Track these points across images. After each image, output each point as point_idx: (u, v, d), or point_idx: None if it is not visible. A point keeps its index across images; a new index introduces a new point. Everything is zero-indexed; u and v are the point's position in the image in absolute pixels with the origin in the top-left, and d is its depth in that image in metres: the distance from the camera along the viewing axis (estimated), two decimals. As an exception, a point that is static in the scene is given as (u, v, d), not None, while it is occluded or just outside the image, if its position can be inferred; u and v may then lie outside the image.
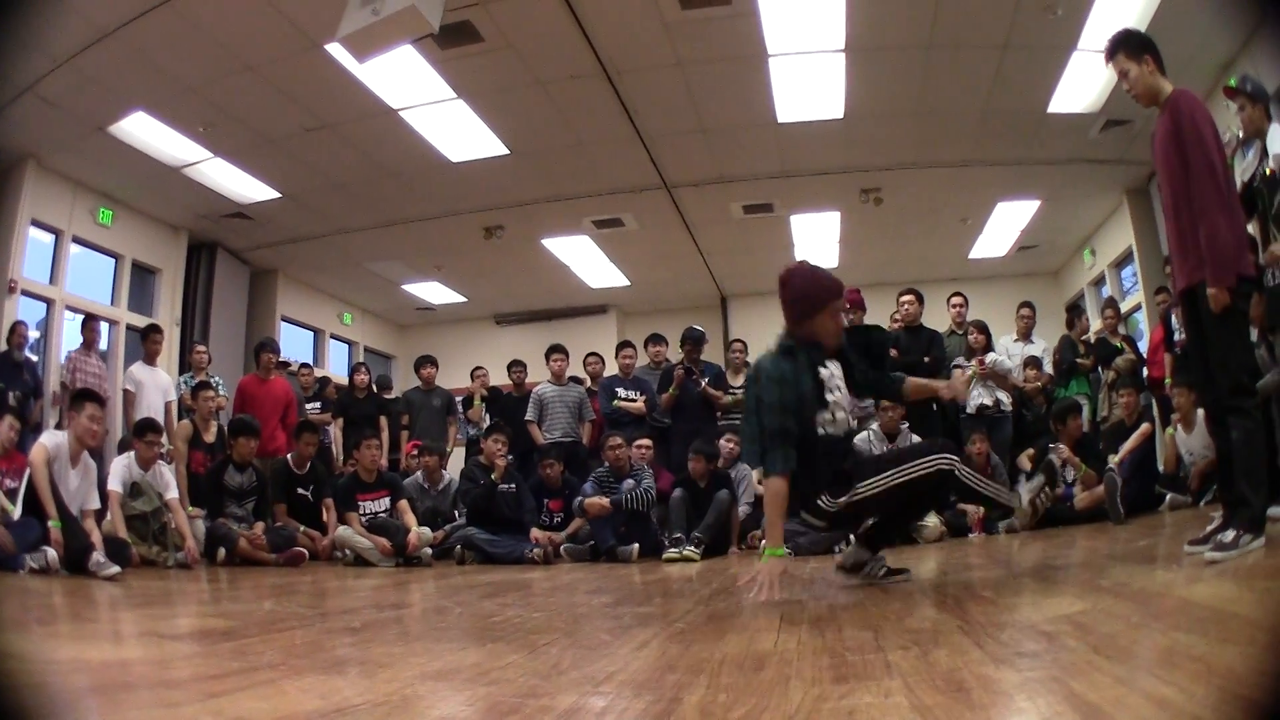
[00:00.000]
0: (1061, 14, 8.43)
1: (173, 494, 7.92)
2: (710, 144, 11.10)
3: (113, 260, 12.09)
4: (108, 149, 10.24)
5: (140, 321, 11.71)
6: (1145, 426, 8.59)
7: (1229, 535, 3.95)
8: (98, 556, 6.27)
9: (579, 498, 8.56)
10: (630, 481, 8.53)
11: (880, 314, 10.45)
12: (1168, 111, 4.33)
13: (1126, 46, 4.42)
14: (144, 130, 9.98)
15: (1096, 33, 8.54)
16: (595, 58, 9.00)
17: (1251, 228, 5.49)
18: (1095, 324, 10.39)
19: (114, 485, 7.65)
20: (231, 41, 8.45)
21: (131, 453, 7.98)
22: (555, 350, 10.76)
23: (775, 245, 14.74)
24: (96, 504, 7.22)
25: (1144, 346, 11.08)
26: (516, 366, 11.70)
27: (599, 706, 2.10)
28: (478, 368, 12.30)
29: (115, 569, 6.24)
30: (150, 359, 10.30)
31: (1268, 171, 5.54)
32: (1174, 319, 8.64)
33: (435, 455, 9.78)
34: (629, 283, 16.54)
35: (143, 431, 8.07)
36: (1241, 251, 4.18)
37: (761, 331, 10.29)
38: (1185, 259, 4.31)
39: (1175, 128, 4.26)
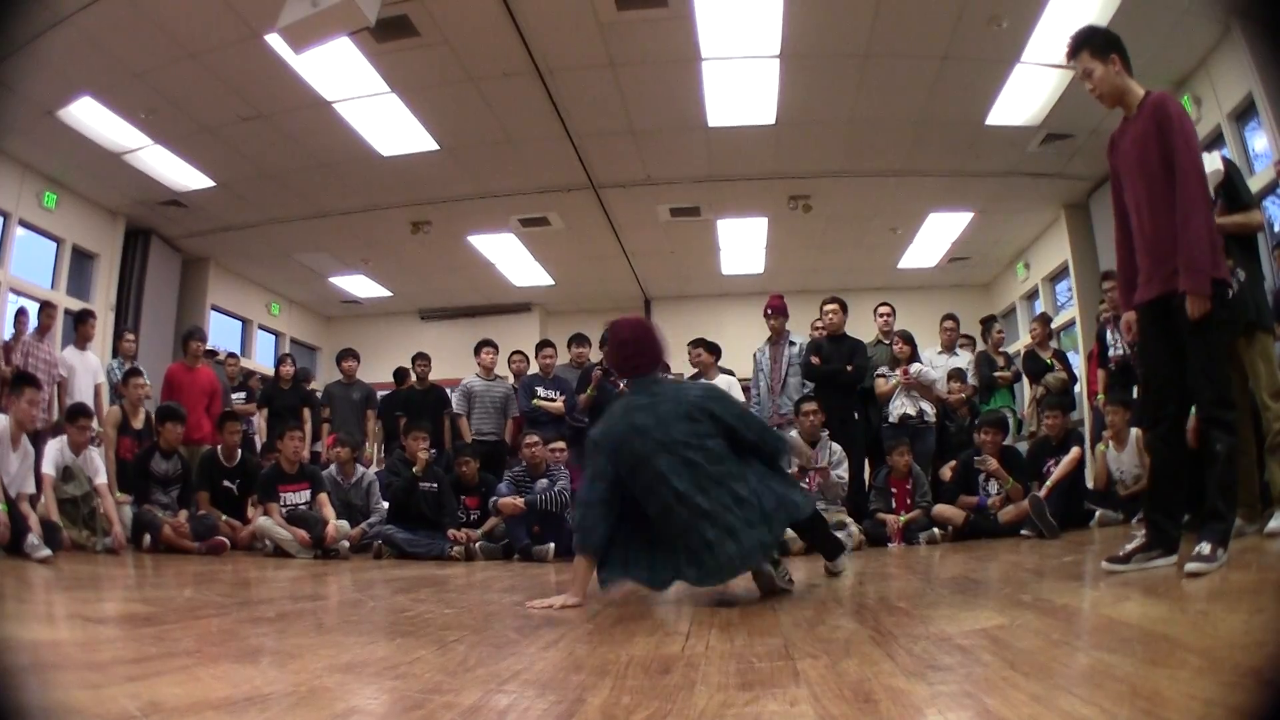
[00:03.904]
0: (1006, 26, 8.49)
1: (102, 479, 8.05)
2: (640, 145, 11.14)
3: (54, 244, 12.01)
4: (55, 133, 10.14)
5: (77, 306, 11.57)
6: (1075, 451, 8.51)
7: (1206, 548, 3.82)
8: (32, 539, 6.48)
9: (494, 497, 8.53)
10: (544, 482, 8.52)
11: (804, 322, 10.49)
12: (1148, 112, 4.17)
13: (1090, 45, 4.25)
14: (89, 115, 9.93)
15: (1041, 45, 8.68)
16: (529, 56, 9.00)
17: None
18: (1024, 338, 10.40)
19: (48, 469, 7.72)
20: (178, 28, 8.40)
21: (64, 437, 8.03)
22: (486, 344, 10.71)
23: (701, 249, 14.94)
24: (32, 488, 7.32)
25: (1079, 360, 11.16)
26: (420, 360, 11.45)
27: (502, 705, 2.11)
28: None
29: (47, 552, 6.48)
30: (82, 343, 10.20)
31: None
32: (1109, 334, 8.68)
33: (347, 447, 9.53)
34: (553, 282, 16.58)
35: (74, 416, 8.14)
36: (1218, 255, 4.04)
37: (685, 334, 10.40)
38: (1160, 265, 4.13)
39: (1157, 129, 4.09)
